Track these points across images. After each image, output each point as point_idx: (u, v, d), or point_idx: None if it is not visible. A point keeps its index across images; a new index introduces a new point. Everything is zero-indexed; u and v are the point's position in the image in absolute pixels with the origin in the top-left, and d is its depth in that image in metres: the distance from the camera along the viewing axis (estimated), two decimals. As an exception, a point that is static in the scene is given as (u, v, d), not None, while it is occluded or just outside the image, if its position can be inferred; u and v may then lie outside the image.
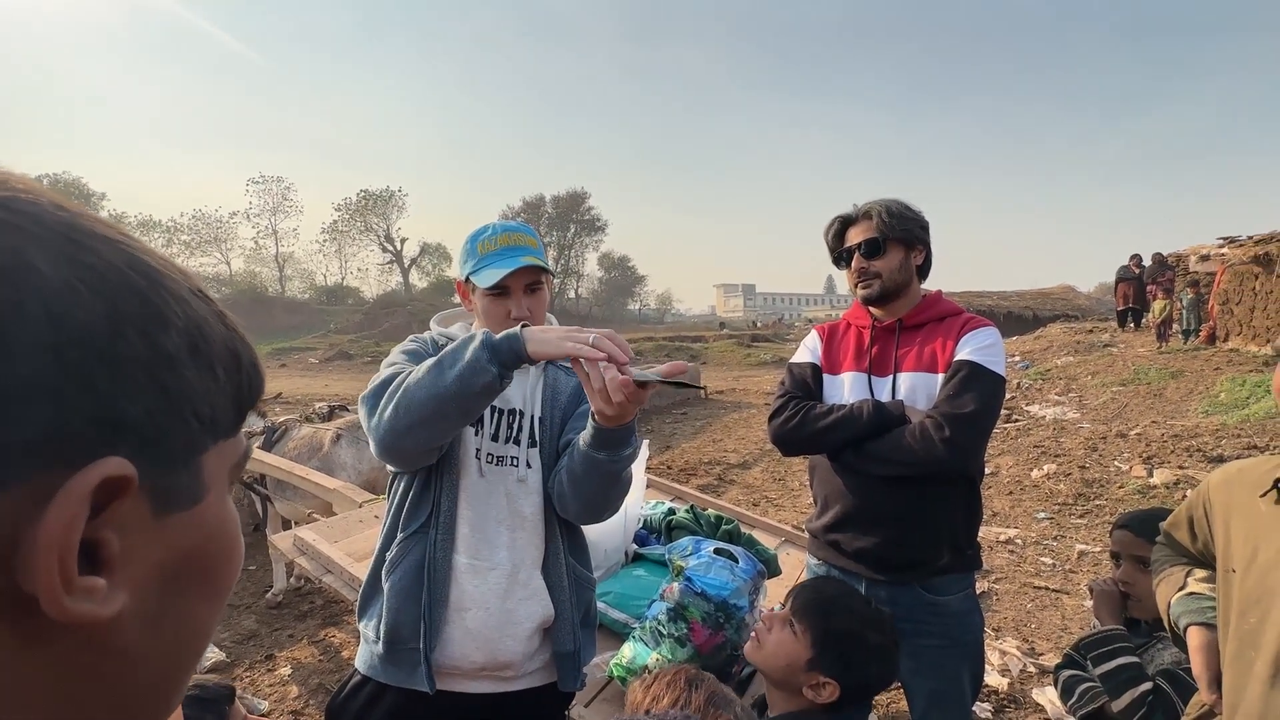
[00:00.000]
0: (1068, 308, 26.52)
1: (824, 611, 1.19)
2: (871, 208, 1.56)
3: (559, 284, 56.95)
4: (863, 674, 1.16)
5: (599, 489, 1.22)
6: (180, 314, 0.27)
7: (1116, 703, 1.38)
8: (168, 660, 0.29)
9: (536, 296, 1.31)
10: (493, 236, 1.29)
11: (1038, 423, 7.81)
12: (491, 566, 1.26)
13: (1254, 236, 9.74)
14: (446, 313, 1.50)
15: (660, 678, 0.92)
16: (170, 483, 0.26)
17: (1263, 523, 0.85)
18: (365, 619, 1.30)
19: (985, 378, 1.42)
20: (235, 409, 0.30)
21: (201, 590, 0.30)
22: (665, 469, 6.81)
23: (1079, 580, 3.89)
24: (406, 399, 1.09)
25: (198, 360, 0.27)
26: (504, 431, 1.31)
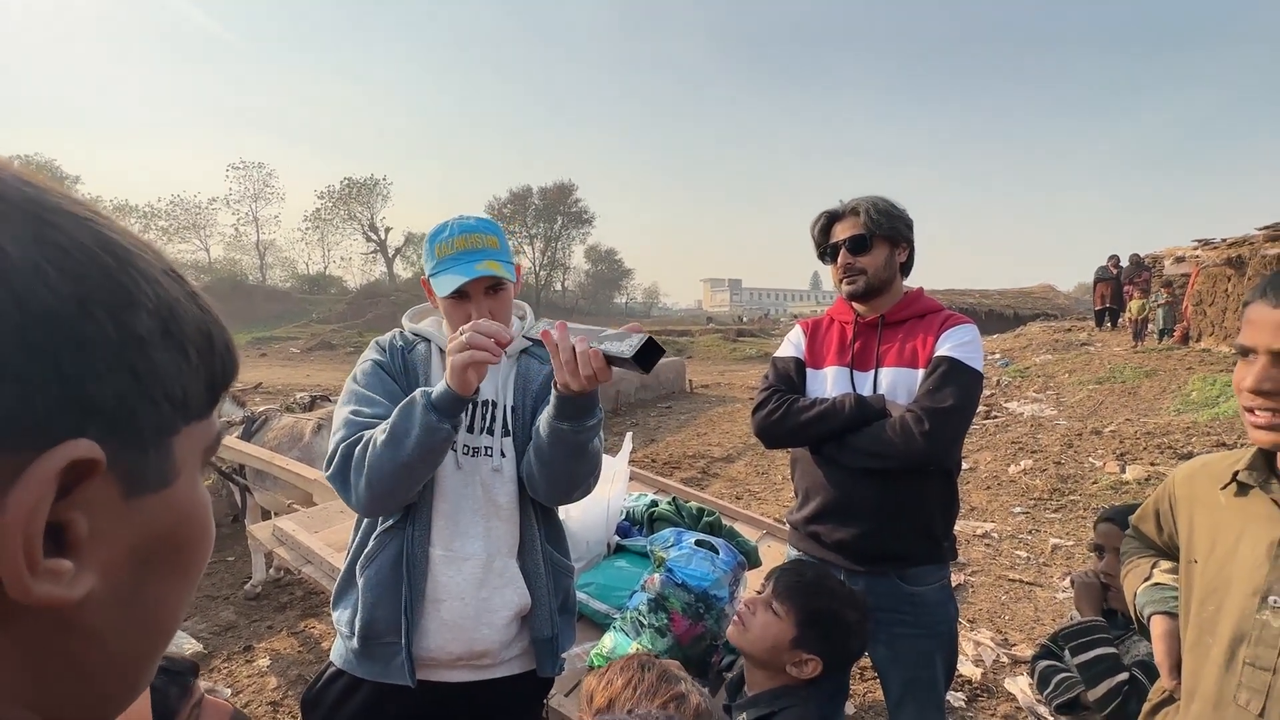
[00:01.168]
0: (1047, 307, 26.96)
1: (805, 592, 1.23)
2: (859, 204, 1.57)
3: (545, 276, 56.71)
4: (842, 649, 1.22)
5: (565, 463, 1.21)
6: (151, 295, 0.27)
7: (1093, 692, 1.42)
8: (138, 642, 0.29)
9: (499, 298, 1.29)
10: (449, 239, 1.26)
11: (1016, 419, 7.94)
12: (466, 557, 1.26)
13: (1227, 239, 9.96)
14: (418, 308, 1.48)
15: (613, 665, 0.93)
16: (140, 465, 0.26)
17: (1223, 515, 0.88)
18: (339, 611, 1.30)
19: (964, 373, 1.44)
20: (208, 392, 0.30)
21: (172, 572, 0.29)
22: (649, 462, 6.83)
23: (1052, 573, 3.97)
24: (376, 474, 1.13)
25: (169, 342, 0.27)
26: (478, 422, 1.31)
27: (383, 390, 1.27)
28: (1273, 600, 0.79)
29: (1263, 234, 9.28)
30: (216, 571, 4.05)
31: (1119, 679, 1.39)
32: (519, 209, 54.11)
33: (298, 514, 2.55)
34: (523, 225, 54.10)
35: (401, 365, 1.32)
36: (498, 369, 1.35)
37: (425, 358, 1.33)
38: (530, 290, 54.61)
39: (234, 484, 3.99)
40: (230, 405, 4.47)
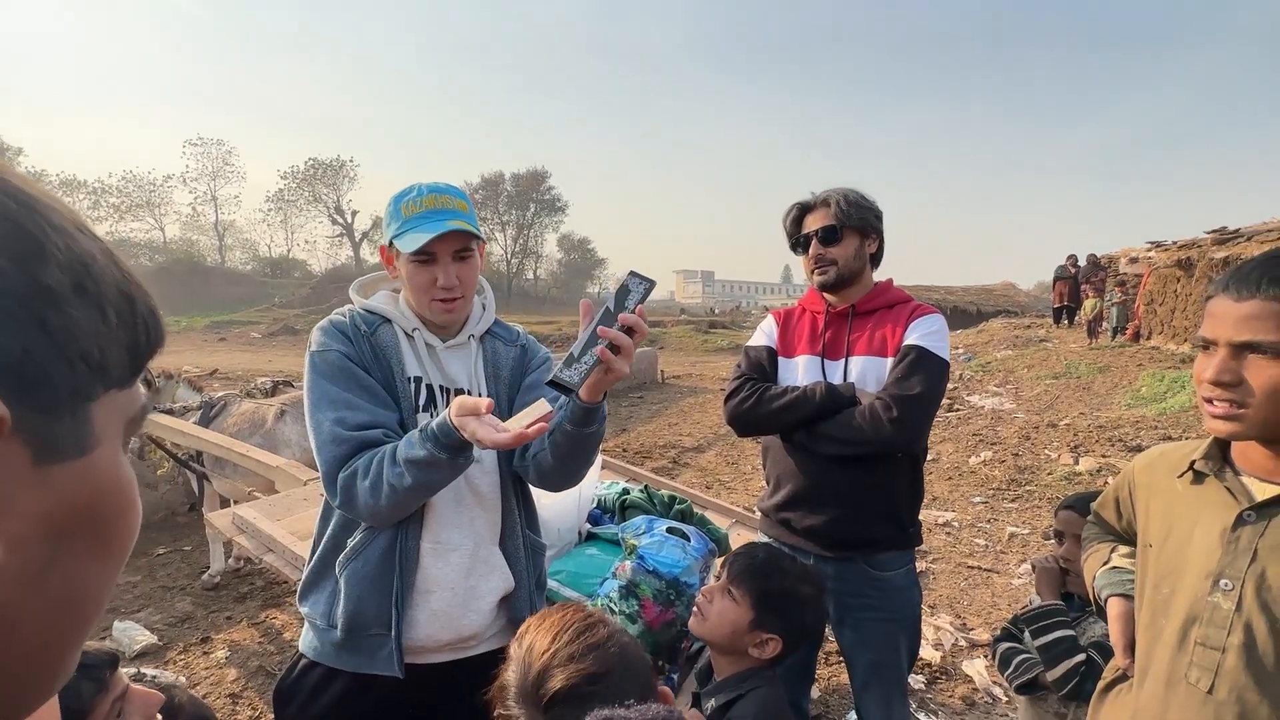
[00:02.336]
0: (1009, 304, 27.77)
1: (758, 574, 1.24)
2: (830, 196, 1.58)
3: (517, 264, 56.08)
4: (799, 624, 1.24)
5: (585, 457, 1.25)
6: (62, 247, 0.24)
7: (1051, 673, 1.47)
8: (53, 623, 0.26)
9: (466, 264, 1.24)
10: (418, 198, 1.20)
11: (977, 412, 8.18)
12: (453, 548, 1.24)
13: (1178, 241, 10.39)
14: (366, 279, 1.39)
15: (549, 613, 0.92)
16: (53, 429, 0.24)
17: (1178, 502, 0.91)
18: (310, 604, 1.26)
19: (931, 362, 1.47)
20: (130, 357, 0.28)
21: (92, 549, 0.27)
22: (621, 451, 6.83)
23: (1009, 560, 4.11)
24: (401, 507, 1.13)
25: (84, 299, 0.25)
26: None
27: (360, 389, 1.18)
28: (1224, 584, 0.82)
29: (1210, 237, 9.70)
30: (172, 562, 3.92)
31: (1076, 660, 1.44)
32: (491, 195, 53.28)
33: (258, 502, 2.47)
34: (494, 211, 53.32)
35: (370, 353, 1.23)
36: (466, 354, 1.32)
37: (393, 343, 1.26)
38: (502, 278, 53.94)
39: (191, 471, 3.86)
40: (186, 390, 4.31)
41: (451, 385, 1.29)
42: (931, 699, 2.72)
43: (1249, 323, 0.77)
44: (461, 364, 1.31)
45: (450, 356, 1.30)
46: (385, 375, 1.22)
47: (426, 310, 1.25)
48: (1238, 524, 0.83)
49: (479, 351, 1.34)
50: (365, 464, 1.11)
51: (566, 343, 21.20)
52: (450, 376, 1.29)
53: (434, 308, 1.23)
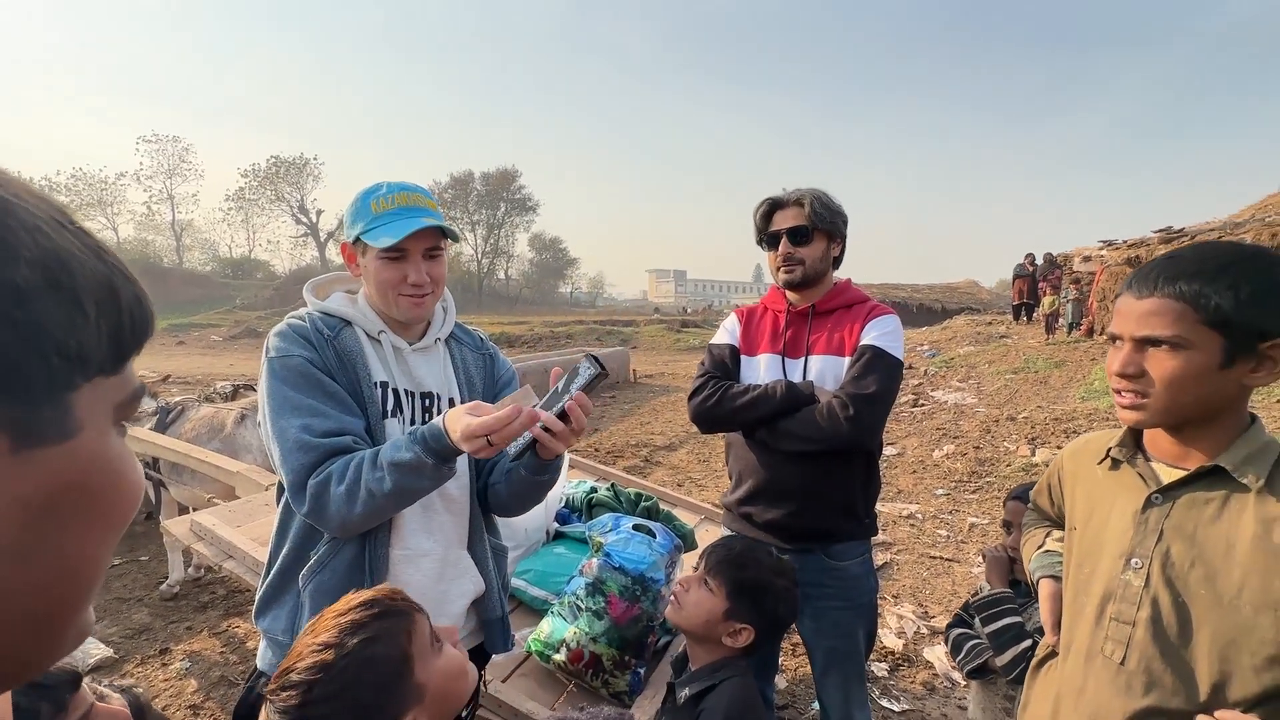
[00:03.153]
0: (972, 301, 28.56)
1: (734, 565, 1.28)
2: (803, 196, 1.61)
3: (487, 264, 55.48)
4: (772, 614, 1.28)
5: (536, 496, 1.30)
6: (32, 244, 0.26)
7: (1000, 658, 1.54)
8: (45, 595, 0.28)
9: (436, 262, 1.23)
10: (389, 194, 1.19)
11: (941, 407, 8.40)
12: (423, 553, 1.24)
13: (1128, 240, 10.82)
14: (320, 279, 1.35)
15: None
16: (31, 418, 0.26)
17: (1098, 487, 0.97)
18: (271, 618, 1.23)
19: (886, 361, 1.52)
20: (114, 346, 0.29)
21: (84, 523, 0.29)
22: (593, 451, 6.84)
23: (969, 550, 4.24)
24: (375, 515, 1.10)
25: (57, 294, 0.26)
26: (421, 416, 1.26)
27: (325, 395, 1.14)
28: (1134, 562, 0.88)
29: (1157, 236, 10.13)
30: (129, 572, 3.80)
31: (1023, 646, 1.51)
32: (460, 194, 52.62)
33: (217, 508, 2.43)
34: (464, 211, 52.69)
35: (335, 359, 1.19)
36: (435, 357, 1.32)
37: (357, 347, 1.22)
38: (472, 278, 53.34)
39: (147, 479, 3.75)
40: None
41: (419, 389, 1.27)
42: (894, 685, 2.80)
43: (1148, 319, 0.83)
44: (430, 367, 1.29)
45: (418, 360, 1.28)
46: (350, 380, 1.19)
47: (394, 306, 1.22)
48: (1146, 506, 0.89)
49: (446, 355, 1.33)
50: (340, 469, 1.08)
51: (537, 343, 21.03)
52: (418, 380, 1.27)
53: (402, 303, 1.21)
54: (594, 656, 1.77)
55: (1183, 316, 0.81)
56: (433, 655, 0.85)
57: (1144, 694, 0.85)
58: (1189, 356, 0.81)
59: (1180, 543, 0.84)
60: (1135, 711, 0.85)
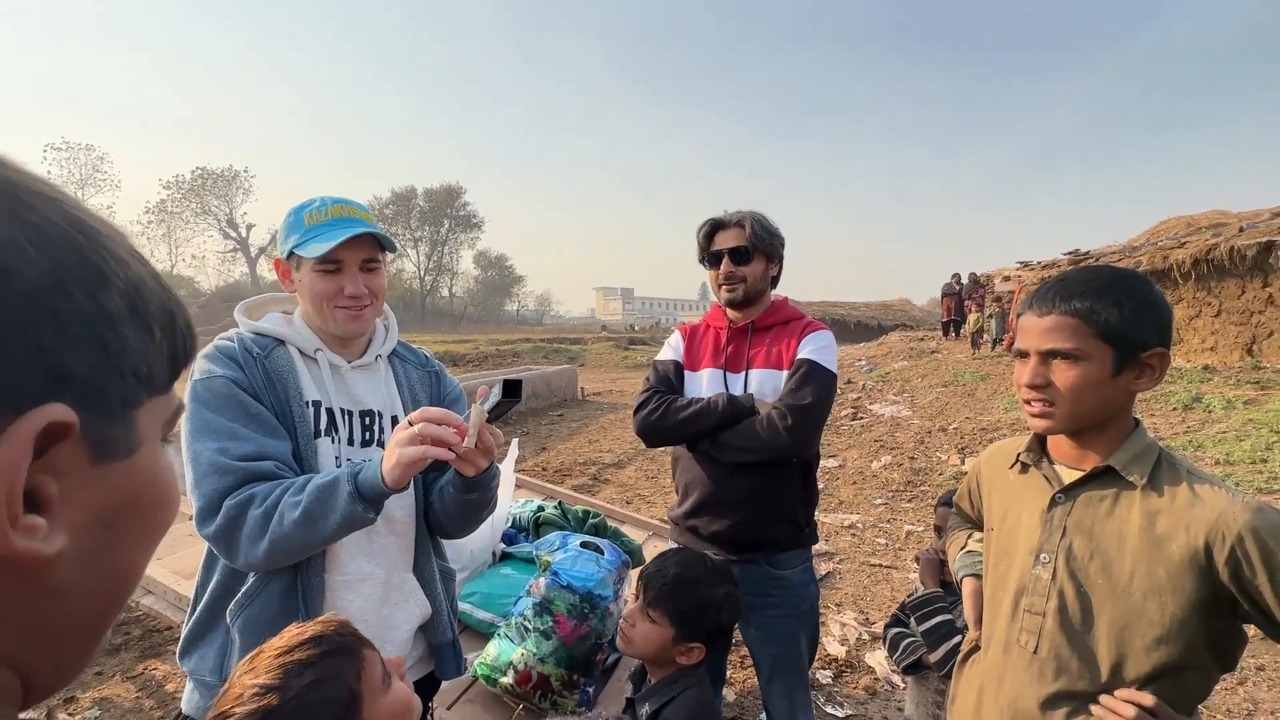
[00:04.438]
0: (905, 318, 29.98)
1: (672, 595, 1.29)
2: (744, 218, 1.69)
3: (430, 281, 54.32)
4: (718, 626, 1.31)
5: (480, 513, 1.28)
6: (120, 274, 0.28)
7: (933, 654, 1.62)
8: (101, 598, 0.31)
9: (374, 275, 1.21)
10: (322, 207, 1.17)
11: (878, 420, 8.74)
12: (363, 578, 1.19)
13: (1041, 262, 11.64)
14: (252, 301, 1.30)
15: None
16: (107, 434, 0.28)
17: (1011, 490, 1.06)
18: (197, 659, 1.16)
19: (821, 374, 1.60)
20: (169, 367, 0.32)
21: (137, 534, 0.31)
22: (541, 470, 6.75)
23: (906, 557, 4.41)
24: (281, 549, 1.03)
25: (137, 320, 0.29)
26: (360, 434, 1.22)
27: (246, 417, 1.09)
28: (1043, 558, 0.96)
29: (1067, 258, 10.95)
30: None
31: (954, 641, 1.60)
32: (402, 210, 51.49)
33: (136, 540, 2.27)
34: (406, 227, 51.53)
35: (264, 378, 1.14)
36: (375, 374, 1.28)
37: (289, 366, 1.17)
38: (414, 296, 52.07)
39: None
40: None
41: (358, 407, 1.23)
42: (838, 691, 2.88)
43: (1050, 334, 0.92)
44: (370, 385, 1.26)
45: (357, 378, 1.25)
46: (279, 401, 1.14)
47: (330, 320, 1.19)
48: (1051, 505, 0.97)
49: (389, 372, 1.30)
50: (264, 493, 1.03)
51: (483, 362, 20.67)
52: (358, 398, 1.24)
53: (339, 315, 1.18)
54: (542, 677, 1.75)
55: (1078, 330, 0.90)
56: (381, 694, 0.82)
57: (1054, 679, 0.92)
58: (1086, 366, 0.90)
59: (1081, 537, 0.93)
60: (1047, 696, 0.92)
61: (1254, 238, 7.70)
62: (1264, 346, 7.78)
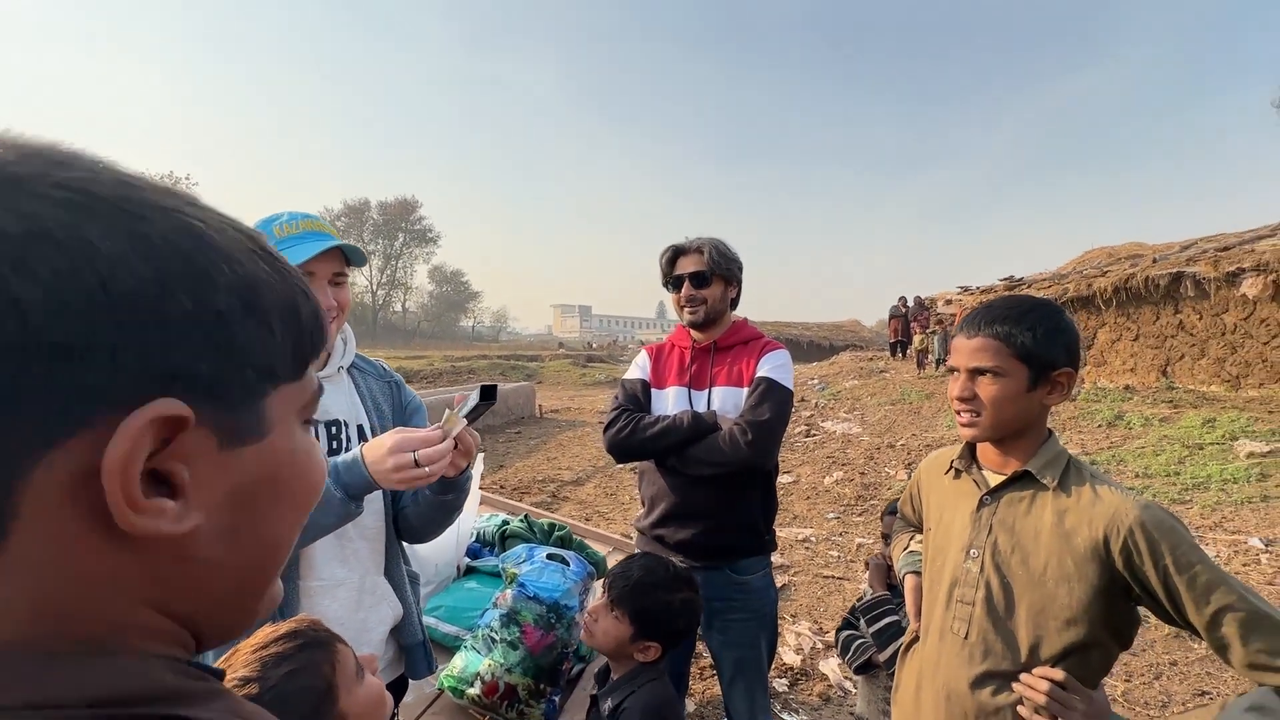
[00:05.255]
0: (855, 338, 31.00)
1: (634, 595, 1.37)
2: (703, 244, 1.81)
3: (383, 296, 53.07)
4: (674, 629, 1.38)
5: (444, 519, 1.32)
6: (229, 274, 0.30)
7: (882, 654, 1.73)
8: (251, 566, 0.34)
9: (341, 289, 1.23)
10: (292, 220, 1.20)
11: (830, 437, 9.02)
12: (338, 582, 1.22)
13: (980, 287, 12.31)
14: None
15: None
16: (231, 422, 0.31)
17: (945, 493, 1.18)
18: None
19: (778, 391, 1.71)
20: (295, 358, 0.34)
21: (279, 509, 0.34)
22: (498, 488, 6.69)
23: (857, 568, 4.58)
24: None
25: (250, 317, 0.31)
26: (327, 444, 1.25)
27: None
28: (972, 553, 1.08)
29: (1003, 284, 11.63)
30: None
31: (901, 641, 1.71)
32: (355, 222, 50.32)
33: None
34: (359, 240, 50.29)
35: None
36: (339, 386, 1.31)
37: None
38: (367, 311, 50.74)
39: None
40: None
41: (325, 417, 1.25)
42: (794, 699, 2.97)
43: (976, 354, 1.05)
44: (335, 396, 1.28)
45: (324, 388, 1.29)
46: None
47: None
48: (980, 506, 1.10)
49: (351, 383, 1.33)
50: None
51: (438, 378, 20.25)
52: (323, 409, 1.25)
53: None
54: (509, 687, 1.78)
55: (999, 351, 1.03)
56: (356, 685, 0.87)
57: (982, 661, 1.03)
58: (1006, 382, 1.03)
59: (1004, 534, 1.05)
60: (976, 676, 1.03)
61: (1165, 269, 8.39)
62: (1176, 369, 8.44)
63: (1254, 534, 4.47)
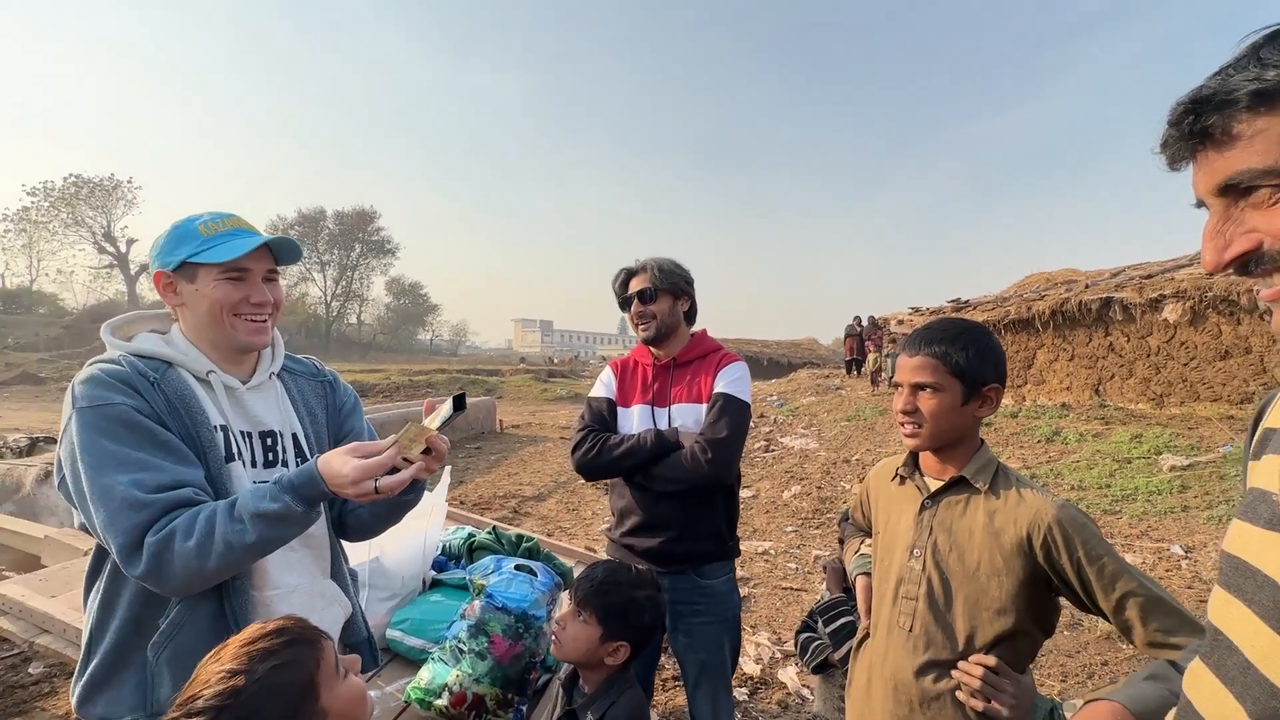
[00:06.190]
0: (812, 356, 31.76)
1: (599, 594, 1.42)
2: (647, 264, 1.93)
3: (338, 307, 51.67)
4: (641, 626, 1.43)
5: (397, 518, 1.35)
6: None
7: (837, 653, 1.82)
8: None
9: (275, 286, 1.21)
10: (217, 219, 1.16)
11: (789, 452, 9.24)
12: (292, 589, 1.22)
13: (930, 308, 12.86)
14: (120, 320, 1.22)
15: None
16: None
17: (892, 499, 1.29)
18: (106, 702, 1.10)
19: (735, 406, 1.82)
20: None
21: None
22: (459, 504, 6.61)
23: (814, 579, 4.71)
24: (233, 568, 1.04)
25: None
26: (263, 456, 1.21)
27: (156, 446, 1.04)
28: (915, 552, 1.19)
29: (950, 305, 12.18)
30: None
31: (855, 640, 1.81)
32: (310, 231, 48.94)
33: (23, 577, 2.11)
34: (314, 250, 48.96)
35: (165, 404, 1.08)
36: (270, 393, 1.27)
37: (188, 390, 1.12)
38: (320, 322, 49.26)
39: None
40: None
41: (257, 428, 1.21)
42: (754, 707, 3.05)
43: (917, 370, 1.17)
44: (266, 405, 1.24)
45: (253, 398, 1.22)
46: (185, 426, 1.09)
47: (232, 331, 1.16)
48: (921, 509, 1.21)
49: (281, 390, 1.29)
50: (186, 525, 1.01)
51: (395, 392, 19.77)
52: (257, 419, 1.22)
53: (241, 326, 1.17)
54: (477, 697, 1.80)
55: (937, 368, 1.15)
56: (337, 681, 0.90)
57: (924, 651, 1.13)
58: (943, 397, 1.15)
59: (943, 534, 1.16)
60: (919, 665, 1.13)
61: (1097, 294, 8.97)
62: (1107, 387, 8.99)
63: (1175, 542, 4.80)
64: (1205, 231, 0.55)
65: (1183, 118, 0.54)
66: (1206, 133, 0.53)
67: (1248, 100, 0.50)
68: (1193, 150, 0.55)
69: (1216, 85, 0.52)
